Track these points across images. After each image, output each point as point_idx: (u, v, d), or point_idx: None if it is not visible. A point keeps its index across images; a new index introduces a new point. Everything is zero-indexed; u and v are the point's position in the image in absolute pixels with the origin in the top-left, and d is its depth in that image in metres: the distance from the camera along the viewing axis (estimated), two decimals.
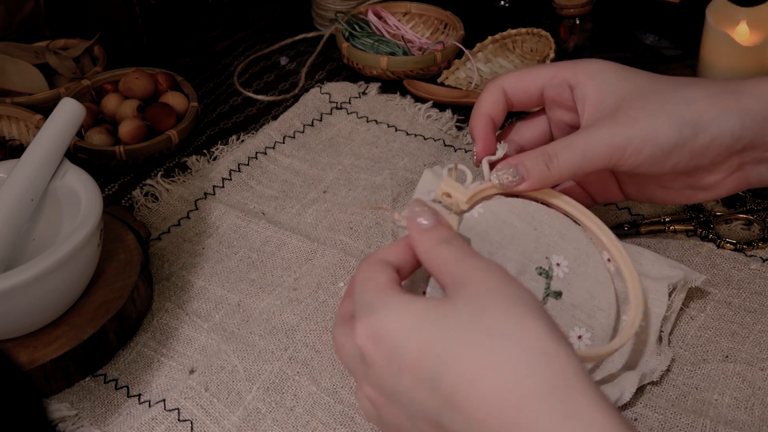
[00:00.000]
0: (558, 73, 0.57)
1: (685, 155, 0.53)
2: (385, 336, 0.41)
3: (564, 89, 0.57)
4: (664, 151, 0.52)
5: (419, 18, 0.94)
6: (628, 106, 0.53)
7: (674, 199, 0.59)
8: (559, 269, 0.56)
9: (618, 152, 0.53)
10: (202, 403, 0.54)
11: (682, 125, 0.52)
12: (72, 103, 0.62)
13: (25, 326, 0.55)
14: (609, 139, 0.53)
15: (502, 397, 0.37)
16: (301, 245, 0.66)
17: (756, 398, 0.53)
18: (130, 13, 0.86)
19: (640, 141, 0.52)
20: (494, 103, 0.58)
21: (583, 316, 0.55)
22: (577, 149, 0.53)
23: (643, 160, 0.53)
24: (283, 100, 0.86)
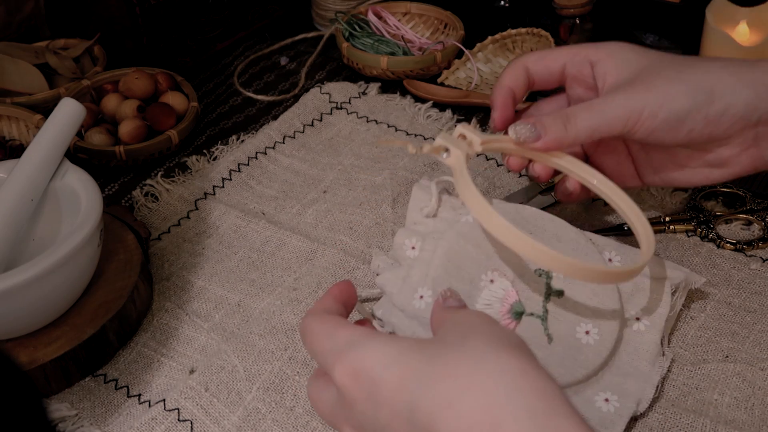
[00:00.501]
0: (580, 51, 0.58)
1: (700, 122, 0.53)
2: (364, 371, 0.39)
3: (585, 66, 0.58)
4: (679, 117, 0.53)
5: (419, 18, 0.94)
6: (645, 74, 0.54)
7: (690, 180, 0.59)
8: None
9: (634, 115, 0.53)
10: (202, 403, 0.54)
11: (697, 91, 0.53)
12: (72, 103, 0.62)
13: (25, 326, 0.55)
14: (626, 101, 0.54)
15: (480, 421, 0.35)
16: (301, 245, 0.66)
17: (756, 398, 0.53)
18: (130, 13, 0.86)
19: (656, 105, 0.53)
20: (516, 77, 0.59)
21: (588, 313, 0.55)
22: (595, 111, 0.54)
23: (659, 124, 0.53)
24: (283, 100, 0.86)
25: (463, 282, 0.55)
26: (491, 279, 0.55)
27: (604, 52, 0.57)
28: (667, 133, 0.54)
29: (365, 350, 0.40)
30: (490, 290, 0.55)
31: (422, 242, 0.57)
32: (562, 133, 0.54)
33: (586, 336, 0.54)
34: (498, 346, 0.38)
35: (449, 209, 0.58)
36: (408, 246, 0.58)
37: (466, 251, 0.55)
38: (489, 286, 0.55)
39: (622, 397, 0.52)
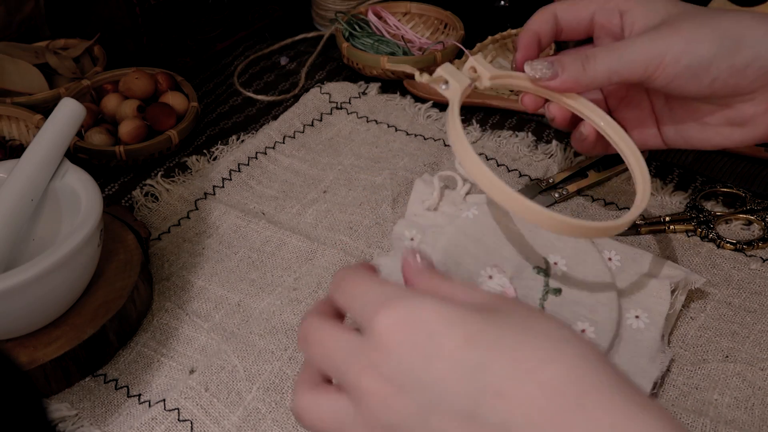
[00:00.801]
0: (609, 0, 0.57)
1: (725, 71, 0.51)
2: (421, 321, 0.36)
3: (614, 15, 0.56)
4: (703, 63, 0.51)
5: (419, 18, 0.94)
6: (673, 20, 0.53)
7: (711, 140, 0.57)
8: (557, 267, 0.56)
9: (656, 59, 0.52)
10: (202, 403, 0.54)
11: (723, 38, 0.51)
12: (72, 103, 0.62)
13: (25, 326, 0.55)
14: (649, 44, 0.52)
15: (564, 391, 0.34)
16: (301, 245, 0.66)
17: (756, 398, 0.53)
18: (130, 13, 0.86)
19: (680, 49, 0.51)
20: (544, 22, 0.58)
21: (584, 311, 0.55)
22: (616, 52, 0.53)
23: (681, 70, 0.51)
24: (283, 100, 0.86)
25: (462, 278, 0.55)
26: (490, 275, 0.55)
27: (634, 1, 0.56)
28: (689, 80, 0.52)
29: (423, 302, 0.37)
30: (488, 287, 0.55)
31: (422, 235, 0.57)
32: (580, 72, 0.53)
33: (582, 334, 0.54)
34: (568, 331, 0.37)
35: (450, 204, 0.58)
36: (407, 237, 0.58)
37: (465, 247, 0.55)
38: (487, 282, 0.55)
39: None
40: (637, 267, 0.57)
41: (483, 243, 0.56)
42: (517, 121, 0.81)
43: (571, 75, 0.54)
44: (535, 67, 0.54)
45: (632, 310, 0.56)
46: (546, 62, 0.54)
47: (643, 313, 0.56)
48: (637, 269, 0.57)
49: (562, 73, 0.54)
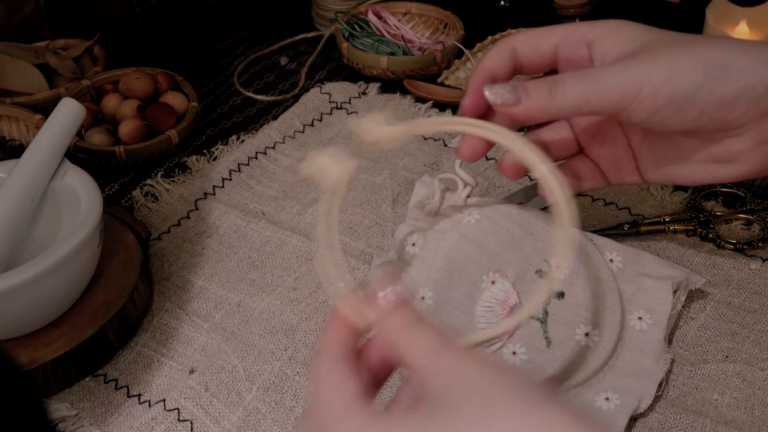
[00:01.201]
0: (575, 29, 0.51)
1: (712, 103, 0.46)
2: None
3: (581, 46, 0.51)
4: (688, 94, 0.46)
5: (419, 18, 0.94)
6: (650, 47, 0.47)
7: (695, 177, 0.52)
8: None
9: (633, 89, 0.46)
10: (202, 403, 0.54)
11: (709, 67, 0.45)
12: (72, 103, 0.62)
13: (25, 326, 0.55)
14: (624, 72, 0.46)
15: None
16: (301, 245, 0.66)
17: (756, 398, 0.53)
18: (130, 13, 0.86)
19: (660, 79, 0.46)
20: (500, 60, 0.52)
21: (588, 315, 0.55)
22: (588, 78, 0.47)
23: (663, 102, 0.46)
24: (283, 100, 0.85)
25: (465, 284, 0.55)
26: (492, 280, 0.55)
27: (604, 29, 0.50)
28: (672, 114, 0.46)
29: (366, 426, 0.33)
30: (491, 292, 0.55)
31: (423, 240, 0.57)
32: (546, 98, 0.47)
33: (585, 338, 0.54)
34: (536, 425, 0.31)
35: (451, 207, 0.58)
36: (408, 242, 0.58)
37: (467, 252, 0.55)
38: (490, 288, 0.55)
39: (623, 396, 0.52)
40: (638, 268, 0.57)
41: (485, 248, 0.56)
42: None
43: (536, 101, 0.47)
44: (496, 91, 0.48)
45: (635, 312, 0.56)
46: (508, 86, 0.48)
47: (646, 314, 0.56)
48: (639, 270, 0.57)
49: (526, 98, 0.47)
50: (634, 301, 0.56)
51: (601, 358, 0.53)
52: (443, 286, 0.54)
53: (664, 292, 0.56)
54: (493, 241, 0.56)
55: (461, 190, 0.58)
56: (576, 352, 0.53)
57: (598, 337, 0.54)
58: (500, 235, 0.56)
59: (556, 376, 0.52)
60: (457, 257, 0.55)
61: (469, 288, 0.55)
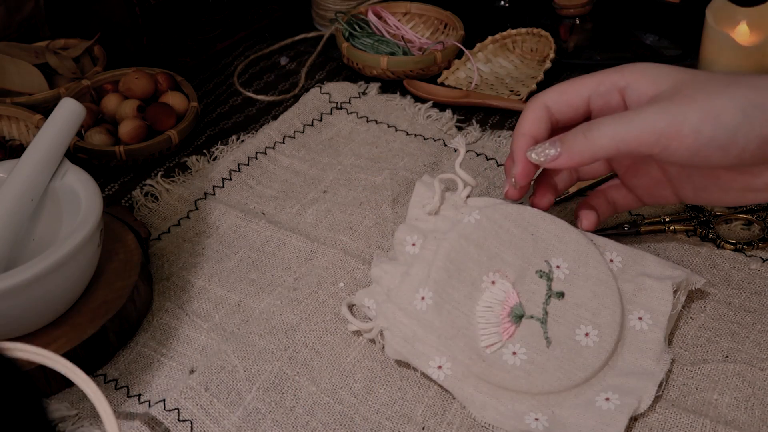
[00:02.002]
0: (604, 79, 0.53)
1: (753, 140, 0.47)
2: None
3: (613, 95, 0.53)
4: (729, 132, 0.47)
5: (419, 18, 0.94)
6: (686, 89, 0.48)
7: (735, 201, 0.54)
8: (560, 271, 0.56)
9: (672, 129, 0.47)
10: (202, 403, 0.54)
11: (747, 106, 0.47)
12: (72, 103, 0.62)
13: (25, 326, 0.55)
14: (662, 112, 0.47)
15: None
16: (301, 245, 0.66)
17: (756, 398, 0.53)
18: (130, 13, 0.86)
19: (698, 120, 0.47)
20: (537, 121, 0.54)
21: (588, 315, 0.55)
22: (623, 119, 0.48)
23: (706, 141, 0.47)
24: (283, 100, 0.86)
25: (464, 284, 0.55)
26: (492, 280, 0.55)
27: (633, 74, 0.51)
28: (715, 151, 0.47)
29: None
30: (491, 292, 0.55)
31: (423, 240, 0.57)
32: (583, 143, 0.50)
33: (585, 338, 0.54)
34: None
35: (451, 207, 0.58)
36: (408, 242, 0.58)
37: (467, 252, 0.55)
38: (490, 288, 0.55)
39: (623, 395, 0.52)
40: (638, 268, 0.57)
41: (485, 248, 0.56)
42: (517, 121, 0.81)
43: (574, 147, 0.50)
44: (538, 152, 0.52)
45: (635, 312, 0.56)
46: (547, 143, 0.52)
47: (646, 314, 0.56)
48: (639, 270, 0.57)
49: (564, 148, 0.51)
50: (634, 301, 0.56)
51: (601, 358, 0.53)
52: (443, 285, 0.54)
53: (664, 293, 0.56)
54: (493, 241, 0.56)
55: (461, 190, 0.59)
56: (576, 352, 0.53)
57: (598, 337, 0.54)
58: (500, 235, 0.56)
59: (556, 375, 0.52)
60: (457, 257, 0.55)
61: (469, 288, 0.55)
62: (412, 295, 0.55)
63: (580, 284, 0.56)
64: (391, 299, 0.56)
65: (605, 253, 0.58)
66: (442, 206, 0.58)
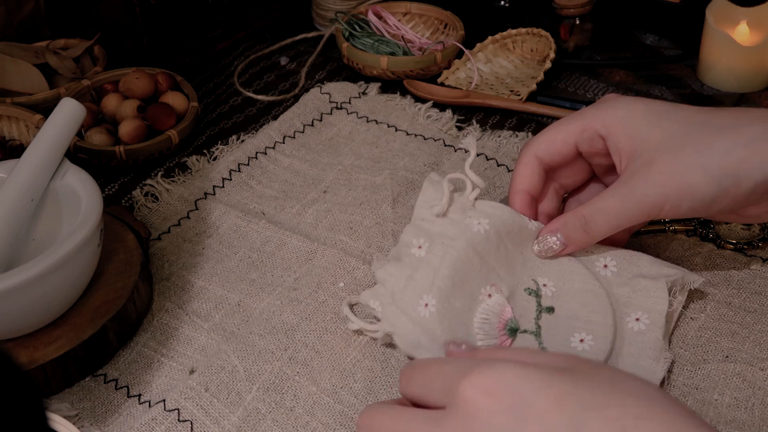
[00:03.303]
0: (587, 126, 0.57)
1: (728, 203, 0.52)
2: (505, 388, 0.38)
3: (596, 141, 0.57)
4: (705, 203, 0.52)
5: (419, 18, 0.94)
6: (661, 161, 0.53)
7: (719, 219, 0.60)
8: (546, 289, 0.57)
9: (655, 210, 0.53)
10: (202, 404, 0.54)
11: (721, 178, 0.51)
12: (72, 103, 0.62)
13: (25, 326, 0.55)
14: (643, 200, 0.53)
15: None
16: (301, 245, 0.66)
17: (756, 398, 0.53)
18: (130, 13, 0.86)
19: (677, 198, 0.52)
20: (530, 175, 0.58)
21: (580, 324, 0.55)
22: (611, 213, 0.55)
23: (685, 212, 0.53)
24: (283, 100, 0.86)
25: (465, 295, 0.55)
26: (489, 294, 0.55)
27: (613, 124, 0.55)
28: (694, 213, 0.54)
29: (505, 368, 0.39)
30: (487, 305, 0.55)
31: (430, 244, 0.57)
32: (585, 238, 0.56)
33: (581, 344, 0.54)
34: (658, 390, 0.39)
35: (459, 210, 0.58)
36: (415, 245, 0.57)
37: (472, 263, 0.55)
38: (486, 301, 0.55)
39: None
40: (634, 269, 0.57)
41: (486, 261, 0.56)
42: (517, 121, 0.81)
43: (578, 243, 0.57)
44: (543, 246, 0.58)
45: (632, 314, 0.56)
46: (552, 237, 0.57)
47: (643, 314, 0.56)
48: (634, 272, 0.57)
49: (569, 244, 0.57)
50: (630, 303, 0.56)
51: (599, 359, 0.53)
52: (446, 294, 0.54)
53: (660, 291, 0.56)
54: (493, 255, 0.56)
55: (469, 192, 0.58)
56: None
57: (593, 341, 0.54)
58: (500, 250, 0.56)
59: None
60: (462, 267, 0.55)
61: (468, 300, 0.55)
62: (417, 301, 0.54)
63: (568, 298, 0.56)
64: (395, 303, 0.55)
65: (600, 258, 0.58)
66: (450, 208, 0.58)
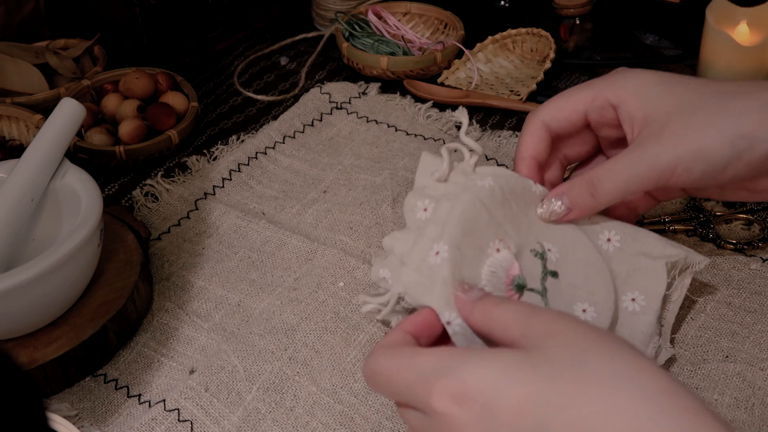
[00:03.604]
0: (598, 94, 0.55)
1: (743, 169, 0.51)
2: (471, 394, 0.37)
3: (607, 110, 0.55)
4: (718, 167, 0.50)
5: (419, 18, 0.94)
6: (674, 123, 0.51)
7: (731, 198, 0.57)
8: (551, 254, 0.55)
9: (666, 173, 0.51)
10: (202, 404, 0.54)
11: (735, 139, 0.50)
12: (72, 103, 0.62)
13: (25, 326, 0.55)
14: (655, 162, 0.51)
15: None
16: (301, 245, 0.66)
17: (756, 398, 0.53)
18: (130, 13, 0.86)
19: (690, 160, 0.50)
20: (537, 142, 0.57)
21: (583, 294, 0.54)
22: (621, 175, 0.52)
23: (697, 177, 0.51)
24: (283, 100, 0.86)
25: (474, 245, 0.53)
26: (497, 248, 0.54)
27: (625, 92, 0.54)
28: (707, 181, 0.51)
29: (465, 371, 0.38)
30: (495, 258, 0.54)
31: (436, 203, 0.56)
32: (591, 202, 0.54)
33: (583, 314, 0.53)
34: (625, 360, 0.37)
35: (461, 174, 0.57)
36: (420, 208, 0.56)
37: (480, 215, 0.54)
38: (495, 255, 0.54)
39: None
40: (637, 246, 0.56)
41: (494, 215, 0.55)
42: (517, 121, 0.81)
43: (583, 207, 0.54)
44: (547, 209, 0.55)
45: (629, 293, 0.55)
46: (557, 200, 0.55)
47: (640, 295, 0.55)
48: (637, 248, 0.56)
49: (574, 207, 0.54)
50: (628, 282, 0.55)
51: None
52: (457, 241, 0.53)
53: (659, 272, 0.55)
54: (500, 211, 0.55)
55: (468, 159, 0.57)
56: None
57: (595, 313, 0.53)
58: (506, 208, 0.55)
59: None
60: (471, 218, 0.54)
61: (476, 251, 0.53)
62: (426, 253, 0.53)
63: (571, 267, 0.55)
64: (405, 263, 0.54)
65: (603, 231, 0.57)
66: (451, 173, 0.57)
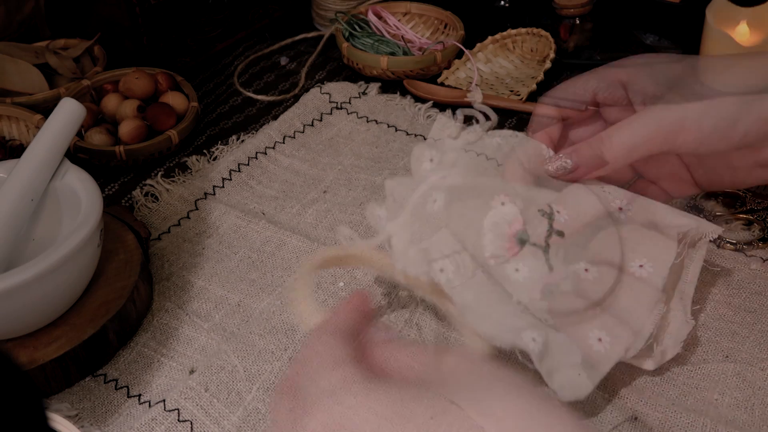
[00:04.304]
0: (607, 74, 0.56)
1: (754, 123, 0.49)
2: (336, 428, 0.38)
3: (617, 89, 0.55)
4: (729, 120, 0.49)
5: (419, 18, 0.94)
6: (682, 84, 0.51)
7: (745, 181, 0.56)
8: (559, 216, 0.55)
9: (675, 127, 0.50)
10: (202, 404, 0.54)
11: (744, 89, 0.48)
12: (72, 103, 0.62)
13: (25, 326, 0.55)
14: (662, 114, 0.50)
15: None
16: (301, 245, 0.66)
17: (756, 398, 0.53)
18: (130, 13, 0.86)
19: (698, 113, 0.49)
20: (548, 121, 0.58)
21: (587, 255, 0.54)
22: (628, 133, 0.51)
23: (708, 132, 0.49)
24: (283, 100, 0.85)
25: (476, 194, 0.53)
26: (502, 202, 0.54)
27: (634, 68, 0.54)
28: (718, 141, 0.50)
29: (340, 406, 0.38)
30: (499, 211, 0.54)
31: (441, 155, 0.56)
32: (599, 159, 0.53)
33: (585, 273, 0.53)
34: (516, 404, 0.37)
35: (472, 133, 0.57)
36: (426, 158, 0.56)
37: (485, 169, 0.54)
38: (499, 207, 0.54)
39: (613, 340, 0.51)
40: (648, 216, 0.56)
41: (500, 172, 0.55)
42: (517, 121, 0.81)
43: (591, 161, 0.53)
44: (554, 166, 0.54)
45: (636, 260, 0.54)
46: (563, 158, 0.54)
47: (648, 262, 0.54)
48: (648, 218, 0.56)
49: (581, 162, 0.53)
50: (637, 249, 0.55)
51: (599, 293, 0.52)
52: (458, 191, 0.52)
53: (669, 241, 0.54)
54: None
55: (483, 124, 0.57)
56: (575, 282, 0.53)
57: (597, 274, 0.53)
58: None
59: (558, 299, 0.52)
60: (476, 169, 0.54)
61: (479, 202, 0.53)
62: (425, 199, 0.53)
63: (579, 229, 0.55)
64: (403, 206, 0.54)
65: (615, 200, 0.57)
66: (462, 133, 0.57)
